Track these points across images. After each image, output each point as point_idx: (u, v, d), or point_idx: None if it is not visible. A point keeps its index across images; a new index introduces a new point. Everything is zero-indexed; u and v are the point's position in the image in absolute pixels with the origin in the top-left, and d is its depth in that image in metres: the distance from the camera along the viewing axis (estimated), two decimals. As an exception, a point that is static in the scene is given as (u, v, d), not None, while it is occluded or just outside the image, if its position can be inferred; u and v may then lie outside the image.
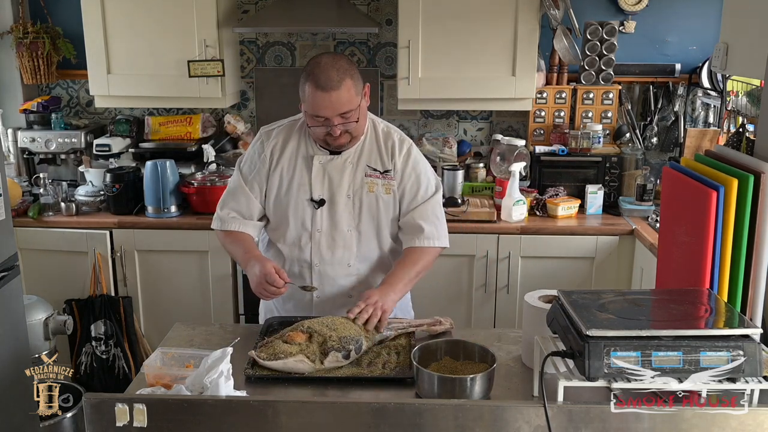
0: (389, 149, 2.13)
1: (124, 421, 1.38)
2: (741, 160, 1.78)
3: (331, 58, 2.00)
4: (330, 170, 2.11)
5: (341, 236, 2.12)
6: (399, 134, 2.18)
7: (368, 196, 2.11)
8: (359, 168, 2.12)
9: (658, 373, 1.32)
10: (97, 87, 3.53)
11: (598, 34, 3.53)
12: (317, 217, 2.11)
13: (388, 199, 2.13)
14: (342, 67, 1.97)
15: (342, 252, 2.13)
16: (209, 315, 3.41)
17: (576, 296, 1.49)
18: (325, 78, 1.94)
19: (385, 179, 2.12)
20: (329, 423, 1.41)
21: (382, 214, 2.13)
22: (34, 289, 3.19)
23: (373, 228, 2.14)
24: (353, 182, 2.11)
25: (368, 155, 2.13)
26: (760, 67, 1.90)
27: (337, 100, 1.95)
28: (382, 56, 3.81)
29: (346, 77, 1.95)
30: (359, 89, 2.01)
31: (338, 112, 1.97)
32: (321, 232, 2.12)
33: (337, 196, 2.10)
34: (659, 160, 3.71)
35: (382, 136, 2.15)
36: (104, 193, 3.46)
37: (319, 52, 2.18)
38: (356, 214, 2.12)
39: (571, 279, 3.27)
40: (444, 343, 1.75)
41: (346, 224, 2.11)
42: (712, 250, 1.71)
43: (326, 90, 1.94)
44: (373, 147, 2.14)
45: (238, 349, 1.71)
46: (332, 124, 1.98)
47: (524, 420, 1.37)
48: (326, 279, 2.15)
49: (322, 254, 2.12)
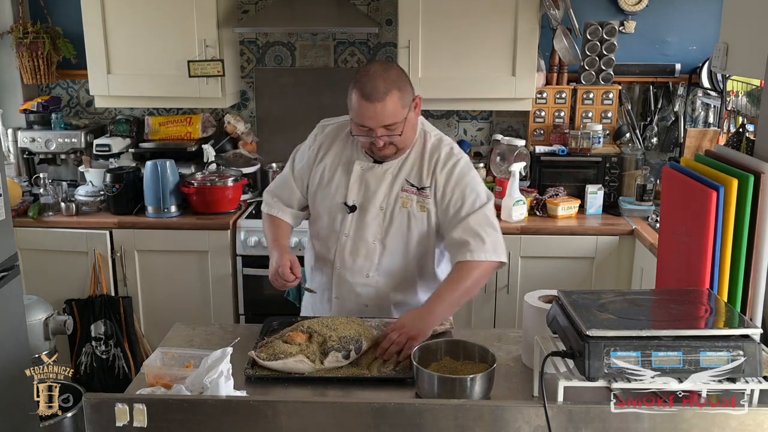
0: (432, 165, 2.05)
1: (124, 421, 1.38)
2: (741, 160, 1.78)
3: (382, 67, 1.95)
4: (368, 178, 2.07)
5: (365, 246, 2.08)
6: (448, 149, 2.07)
7: (400, 212, 2.06)
8: (397, 181, 2.06)
9: (658, 373, 1.32)
10: (97, 87, 3.53)
11: (598, 34, 3.53)
12: (347, 222, 2.09)
13: (422, 217, 2.06)
14: (390, 77, 1.92)
15: (363, 261, 2.10)
16: (209, 315, 3.41)
17: (576, 296, 1.49)
18: (371, 88, 1.89)
19: (421, 196, 2.05)
20: (329, 423, 1.41)
21: (413, 231, 2.07)
22: (34, 289, 3.19)
23: (400, 244, 2.08)
24: (388, 195, 2.06)
25: (409, 169, 2.06)
26: (760, 67, 1.90)
27: (382, 111, 1.90)
28: (382, 56, 3.81)
29: (393, 89, 1.90)
30: (407, 102, 1.95)
31: (382, 123, 1.92)
32: (348, 237, 2.09)
33: (369, 205, 2.07)
34: (659, 160, 3.71)
35: (429, 150, 2.06)
36: (104, 193, 3.46)
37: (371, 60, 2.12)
38: (385, 227, 2.07)
39: (571, 279, 3.27)
40: (444, 343, 1.75)
41: (372, 235, 2.08)
42: (712, 250, 1.71)
43: (371, 101, 1.89)
44: (416, 161, 2.06)
45: (238, 349, 1.71)
46: (376, 135, 1.94)
47: (524, 420, 1.37)
48: (344, 284, 2.13)
49: (345, 259, 2.11)
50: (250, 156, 3.77)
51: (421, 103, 2.05)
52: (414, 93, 2.01)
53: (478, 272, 1.98)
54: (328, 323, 1.83)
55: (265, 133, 3.90)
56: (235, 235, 3.35)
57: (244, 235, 3.32)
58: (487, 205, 2.04)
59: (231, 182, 3.43)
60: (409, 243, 2.08)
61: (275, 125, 3.88)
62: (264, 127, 3.90)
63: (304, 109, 3.81)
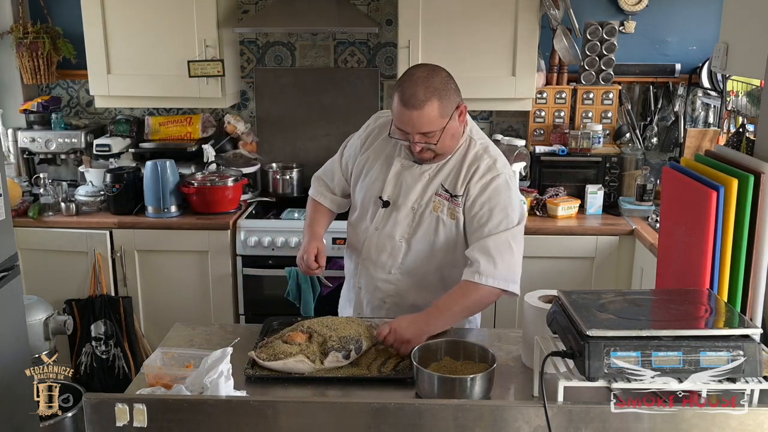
0: (469, 175, 2.00)
1: (124, 421, 1.38)
2: (741, 160, 1.78)
3: (426, 72, 1.91)
4: (405, 176, 2.07)
5: (391, 242, 2.09)
6: (489, 162, 2.01)
7: (430, 215, 2.04)
8: (433, 184, 2.04)
9: (658, 373, 1.32)
10: (97, 87, 3.52)
11: (598, 34, 3.53)
12: (379, 216, 2.11)
13: (451, 224, 2.04)
14: (432, 85, 1.88)
15: (386, 258, 2.11)
16: (209, 315, 3.41)
17: (576, 296, 1.49)
18: (411, 94, 1.87)
19: (452, 203, 2.02)
20: (329, 423, 1.41)
21: (440, 236, 2.05)
22: (34, 289, 3.19)
23: (426, 247, 2.07)
24: (422, 196, 2.05)
25: (447, 174, 2.03)
26: (760, 67, 1.90)
27: (419, 119, 1.88)
28: (382, 56, 3.81)
29: (433, 97, 1.87)
30: (447, 111, 1.91)
31: (419, 131, 1.91)
32: (377, 231, 2.12)
33: (402, 203, 2.07)
34: (659, 160, 3.71)
35: (470, 159, 2.02)
36: (104, 193, 3.46)
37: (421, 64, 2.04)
38: (413, 227, 2.07)
39: (571, 279, 3.27)
40: (444, 343, 1.75)
41: (399, 233, 2.08)
42: (712, 250, 1.71)
43: (409, 107, 1.87)
44: (455, 168, 2.03)
45: (238, 349, 1.71)
46: (413, 141, 1.93)
47: (524, 420, 1.37)
48: (367, 276, 2.17)
49: (371, 252, 2.13)
50: (250, 156, 3.77)
51: (466, 111, 1.99)
52: (459, 100, 1.96)
53: (481, 294, 1.94)
54: (328, 323, 1.83)
55: (265, 133, 3.90)
56: (235, 235, 3.35)
57: (244, 235, 3.32)
58: (514, 230, 1.98)
59: (231, 182, 3.43)
60: (435, 247, 2.07)
61: (275, 125, 3.88)
62: (264, 127, 3.90)
63: (304, 109, 3.81)
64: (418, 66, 1.97)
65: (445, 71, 1.96)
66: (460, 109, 1.96)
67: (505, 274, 1.94)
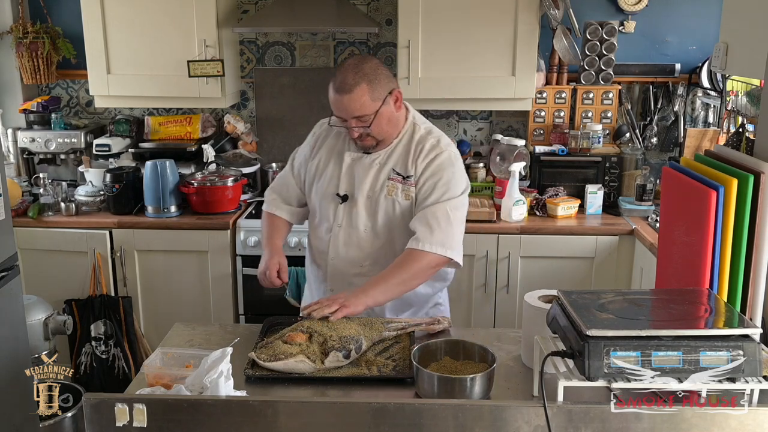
0: (416, 155, 2.10)
1: (124, 421, 1.38)
2: (741, 160, 1.78)
3: (357, 60, 2.02)
4: (357, 168, 2.13)
5: (357, 235, 2.14)
6: (434, 140, 2.11)
7: (386, 200, 2.11)
8: (384, 170, 2.12)
9: (658, 373, 1.32)
10: (97, 87, 3.52)
11: (598, 34, 3.53)
12: (339, 212, 2.15)
13: (406, 205, 2.11)
14: (362, 71, 1.98)
15: (356, 251, 2.15)
16: (209, 315, 3.41)
17: (576, 296, 1.49)
18: (342, 80, 1.97)
19: (406, 184, 2.10)
20: (329, 423, 1.41)
21: (398, 219, 2.12)
22: (34, 289, 3.19)
23: (387, 232, 2.14)
24: (375, 183, 2.12)
25: (396, 159, 2.12)
26: (760, 67, 1.90)
27: (349, 103, 1.97)
28: (382, 56, 3.81)
29: (362, 82, 1.96)
30: (378, 95, 2.00)
31: (352, 115, 2.00)
32: (341, 228, 2.15)
33: (358, 194, 2.12)
34: (659, 160, 3.71)
35: (416, 141, 2.11)
36: (104, 193, 3.46)
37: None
38: (372, 215, 2.13)
39: (571, 279, 3.27)
40: (444, 343, 1.75)
41: (363, 224, 2.13)
42: (711, 250, 1.71)
43: (340, 92, 1.97)
44: (403, 152, 2.12)
45: (238, 349, 1.71)
46: (349, 126, 2.02)
47: (524, 420, 1.37)
48: (338, 274, 2.18)
49: (338, 250, 2.16)
50: (250, 156, 3.77)
51: (401, 97, 2.08)
52: (393, 86, 2.05)
53: (420, 264, 2.01)
54: (328, 323, 1.83)
55: (265, 133, 3.90)
56: (234, 235, 3.35)
57: (243, 235, 3.32)
58: (454, 201, 2.06)
59: (231, 182, 3.43)
60: (397, 230, 2.13)
61: (275, 125, 3.88)
62: (264, 127, 3.90)
63: (303, 109, 3.81)
64: (354, 56, 2.07)
65: (377, 60, 2.10)
66: (394, 94, 2.05)
67: (443, 240, 2.01)
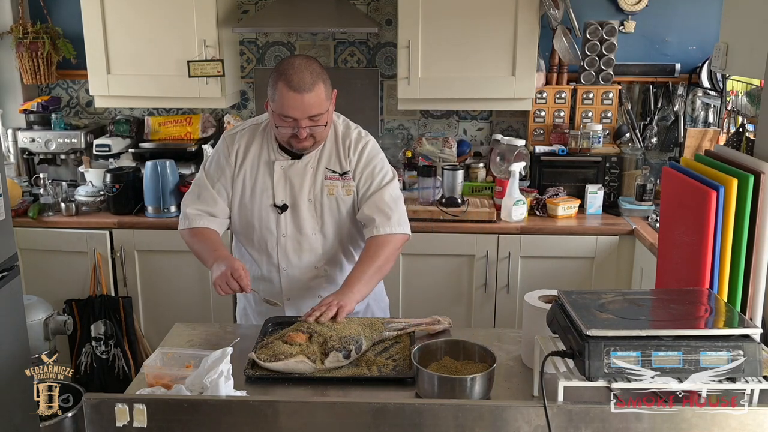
0: (346, 150, 2.16)
1: (124, 421, 1.38)
2: (741, 160, 1.78)
3: (305, 60, 2.03)
4: (291, 175, 2.13)
5: (307, 240, 2.15)
6: (356, 132, 2.19)
7: (329, 199, 2.14)
8: (319, 172, 2.15)
9: (658, 373, 1.32)
10: (97, 87, 3.52)
11: (598, 34, 3.53)
12: (281, 222, 2.15)
13: (349, 200, 2.16)
14: (315, 70, 2.00)
15: (309, 256, 2.17)
16: (209, 315, 3.41)
17: (576, 296, 1.49)
18: (299, 80, 1.96)
19: (345, 180, 2.15)
20: (329, 423, 1.41)
21: (344, 215, 2.17)
22: (34, 289, 3.19)
23: (336, 230, 2.17)
24: (313, 186, 2.14)
25: (328, 158, 2.15)
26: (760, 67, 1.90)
27: (309, 102, 1.98)
28: (382, 56, 3.81)
29: (319, 81, 1.99)
30: (329, 94, 2.05)
31: (308, 114, 1.99)
32: (286, 237, 2.15)
33: (299, 200, 2.13)
34: (659, 160, 3.71)
35: (341, 137, 2.17)
36: (104, 193, 3.46)
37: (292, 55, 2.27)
38: (318, 217, 2.15)
39: (571, 279, 3.27)
40: (444, 343, 1.75)
41: (310, 228, 2.15)
42: (711, 250, 1.71)
43: (299, 92, 1.96)
44: (332, 149, 2.16)
45: (238, 349, 1.71)
46: (300, 126, 2.01)
47: (524, 420, 1.37)
48: (295, 282, 2.18)
49: (290, 258, 2.17)
50: (250, 156, 3.77)
51: (336, 98, 2.12)
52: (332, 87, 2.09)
53: (387, 248, 2.09)
54: (328, 323, 1.83)
55: (265, 133, 3.90)
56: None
57: (244, 235, 3.32)
58: (392, 183, 2.18)
59: (231, 182, 3.43)
60: (343, 227, 2.18)
61: (275, 125, 3.88)
62: (264, 127, 3.90)
63: (304, 109, 3.81)
64: (292, 57, 2.06)
65: (318, 60, 2.10)
66: (333, 95, 2.10)
67: (398, 220, 2.15)
